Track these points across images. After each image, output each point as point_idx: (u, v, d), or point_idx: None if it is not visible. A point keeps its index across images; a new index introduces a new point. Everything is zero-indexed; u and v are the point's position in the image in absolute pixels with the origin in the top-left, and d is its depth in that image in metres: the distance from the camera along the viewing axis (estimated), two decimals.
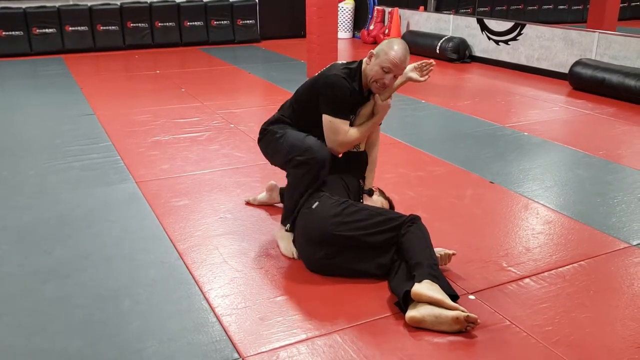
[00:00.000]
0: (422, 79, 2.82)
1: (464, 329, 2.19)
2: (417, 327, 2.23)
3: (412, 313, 2.23)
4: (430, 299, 2.22)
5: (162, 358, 2.09)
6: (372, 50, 2.74)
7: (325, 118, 2.74)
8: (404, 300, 2.29)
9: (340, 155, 2.91)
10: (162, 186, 3.67)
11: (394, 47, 2.67)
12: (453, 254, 2.65)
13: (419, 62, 2.84)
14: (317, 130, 2.77)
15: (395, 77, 2.73)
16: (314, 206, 2.65)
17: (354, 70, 2.78)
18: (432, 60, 2.85)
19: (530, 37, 7.50)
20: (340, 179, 2.86)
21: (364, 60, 2.79)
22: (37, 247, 2.91)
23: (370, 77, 2.72)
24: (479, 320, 2.20)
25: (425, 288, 2.24)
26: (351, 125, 2.81)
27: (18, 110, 5.60)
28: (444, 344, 2.16)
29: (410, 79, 2.83)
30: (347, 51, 9.42)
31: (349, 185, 2.87)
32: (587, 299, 2.45)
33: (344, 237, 2.52)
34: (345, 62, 2.87)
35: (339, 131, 2.73)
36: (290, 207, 2.80)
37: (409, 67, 2.82)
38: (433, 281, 2.28)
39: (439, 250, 2.59)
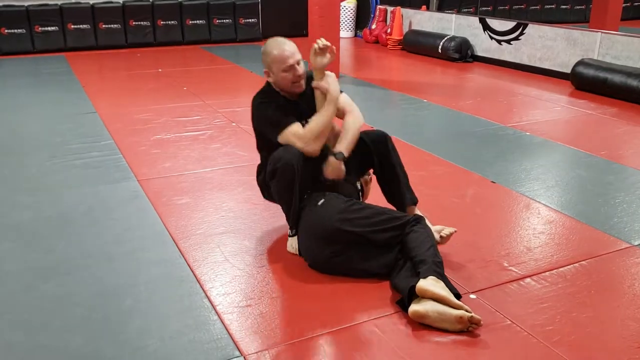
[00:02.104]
0: (326, 59, 2.70)
1: (466, 328, 2.19)
2: (420, 322, 2.23)
3: (415, 307, 2.23)
4: (435, 295, 2.21)
5: (163, 356, 2.09)
6: (264, 70, 2.71)
7: (280, 139, 2.62)
8: (408, 296, 2.29)
9: (317, 154, 2.67)
10: (163, 184, 3.68)
11: (273, 49, 2.65)
12: (454, 232, 2.75)
13: (313, 49, 2.69)
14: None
15: (299, 63, 2.64)
16: (319, 203, 2.65)
17: (268, 89, 2.74)
18: (319, 42, 2.67)
19: (532, 37, 7.49)
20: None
21: (267, 80, 2.76)
22: (38, 245, 2.92)
23: (286, 84, 2.66)
24: (482, 322, 2.20)
25: (430, 284, 2.24)
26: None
27: (20, 108, 5.60)
28: (445, 342, 2.16)
29: (321, 64, 2.71)
30: (349, 50, 9.42)
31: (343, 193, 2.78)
32: (588, 299, 2.45)
33: (348, 232, 2.53)
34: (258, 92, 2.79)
35: (296, 137, 2.59)
36: (287, 211, 2.74)
37: (311, 55, 2.71)
38: (438, 278, 2.29)
39: (437, 229, 2.72)
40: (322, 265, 2.63)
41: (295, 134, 2.60)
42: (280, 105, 2.68)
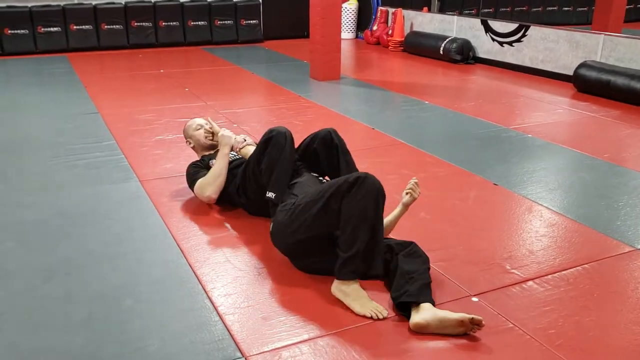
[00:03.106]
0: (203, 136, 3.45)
1: (469, 331, 2.19)
2: (423, 332, 2.21)
3: (415, 319, 2.22)
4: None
5: (164, 356, 2.09)
6: (186, 142, 3.59)
7: (194, 189, 3.26)
8: (405, 311, 2.31)
9: (215, 200, 3.22)
10: (165, 185, 3.67)
11: (187, 123, 3.57)
12: (416, 181, 2.72)
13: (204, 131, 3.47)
14: (260, 192, 2.93)
15: (206, 129, 3.45)
16: (271, 229, 2.69)
17: (196, 160, 3.45)
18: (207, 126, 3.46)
19: (534, 39, 7.49)
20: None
21: (196, 152, 3.56)
22: (40, 244, 2.92)
23: (201, 139, 3.44)
24: (484, 322, 2.19)
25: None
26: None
27: (22, 108, 5.60)
28: (446, 345, 2.16)
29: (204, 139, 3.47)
30: (350, 51, 9.42)
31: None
32: (590, 303, 2.44)
33: (309, 239, 2.51)
34: None
35: (200, 184, 3.21)
36: (275, 178, 2.82)
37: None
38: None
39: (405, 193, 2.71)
40: (307, 270, 2.63)
41: (200, 181, 3.22)
42: (198, 165, 3.36)
